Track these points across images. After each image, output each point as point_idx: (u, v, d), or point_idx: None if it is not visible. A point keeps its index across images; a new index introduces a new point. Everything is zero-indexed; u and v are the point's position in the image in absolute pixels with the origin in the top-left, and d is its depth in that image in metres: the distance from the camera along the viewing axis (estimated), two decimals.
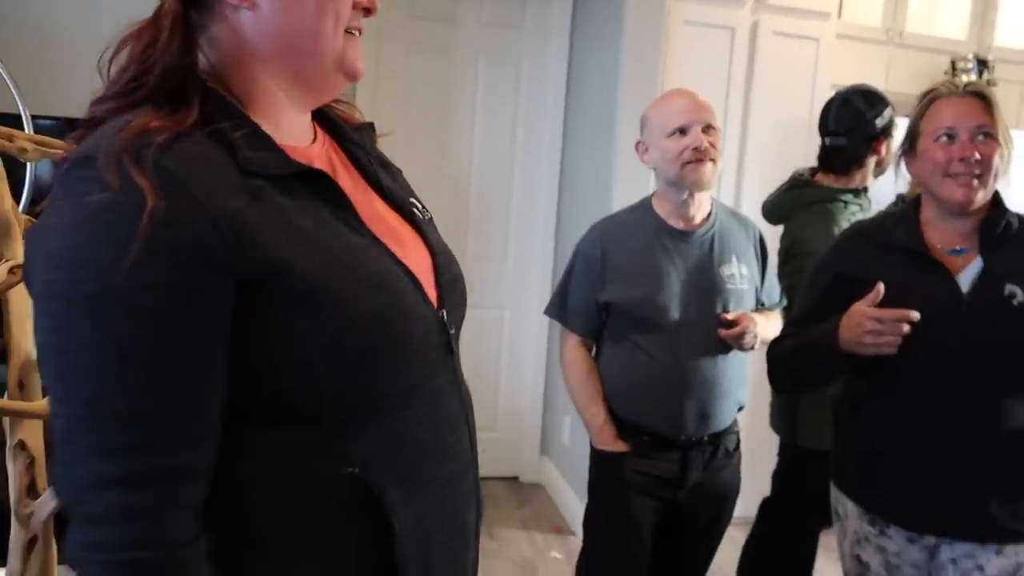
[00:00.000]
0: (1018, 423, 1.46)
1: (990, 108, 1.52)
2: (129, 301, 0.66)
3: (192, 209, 0.68)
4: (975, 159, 1.49)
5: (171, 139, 0.70)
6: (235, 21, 0.80)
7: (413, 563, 0.80)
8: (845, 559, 1.69)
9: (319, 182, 0.80)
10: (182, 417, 0.69)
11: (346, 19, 0.83)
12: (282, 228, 0.73)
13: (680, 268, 1.80)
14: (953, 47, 3.99)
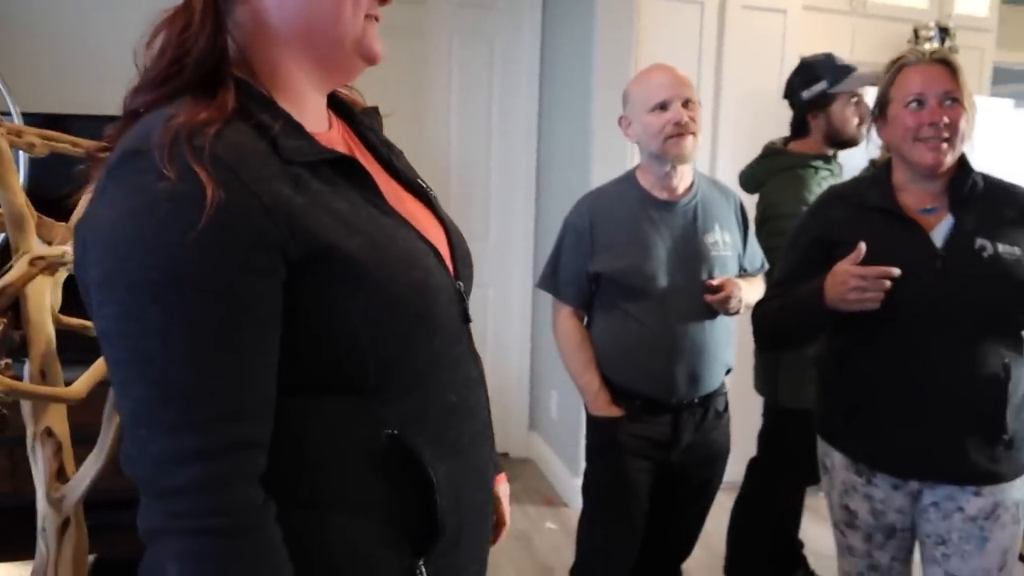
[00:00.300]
0: (992, 369, 1.55)
1: (955, 74, 1.59)
2: (194, 285, 0.70)
3: (247, 197, 0.72)
4: (944, 123, 1.56)
5: (220, 129, 0.74)
6: (258, 4, 0.83)
7: (449, 514, 0.86)
8: (834, 509, 1.78)
9: (348, 167, 0.84)
10: (246, 391, 0.74)
11: (365, 6, 0.86)
12: (325, 212, 0.78)
13: (666, 237, 1.87)
14: (915, 16, 4.06)
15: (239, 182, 0.72)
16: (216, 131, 0.73)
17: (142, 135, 0.74)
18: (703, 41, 3.25)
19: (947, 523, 1.61)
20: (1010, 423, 1.56)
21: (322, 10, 0.84)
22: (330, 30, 0.85)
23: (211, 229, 0.69)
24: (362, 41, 0.87)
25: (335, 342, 0.79)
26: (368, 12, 0.87)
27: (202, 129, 0.72)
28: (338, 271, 0.77)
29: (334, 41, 0.86)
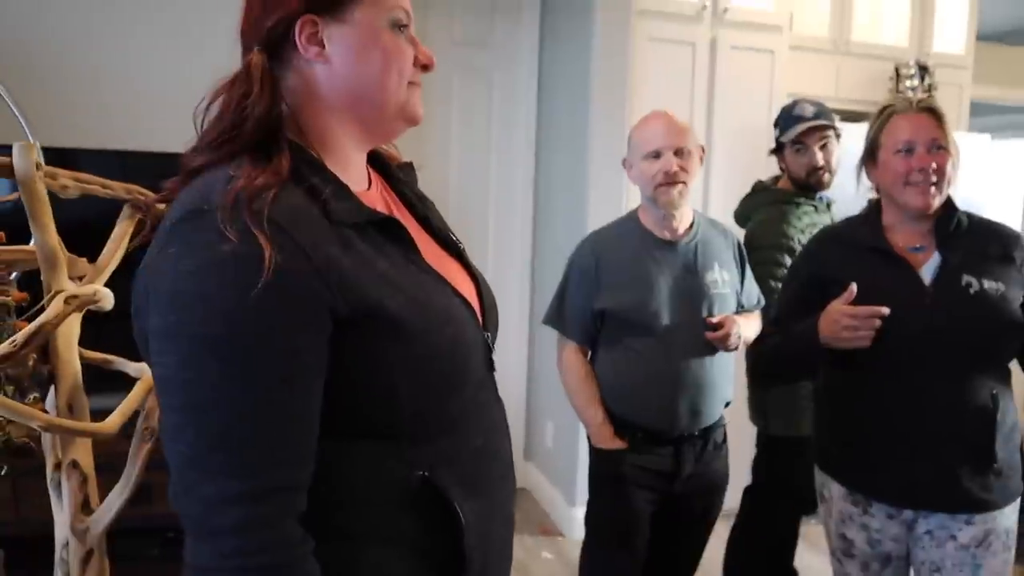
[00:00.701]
0: (981, 401, 1.61)
1: (941, 122, 1.69)
2: (249, 342, 0.76)
3: (301, 259, 0.78)
4: (932, 168, 1.65)
5: (277, 194, 0.80)
6: (309, 73, 0.90)
7: (476, 550, 0.92)
8: (832, 538, 1.83)
9: (390, 227, 0.91)
10: (291, 439, 0.79)
11: (408, 75, 0.94)
12: (370, 272, 0.84)
13: (667, 275, 1.94)
14: (896, 54, 4.20)
15: (294, 244, 0.78)
16: (274, 195, 0.79)
17: (204, 194, 0.80)
18: (695, 80, 3.34)
19: (940, 551, 1.67)
20: (999, 453, 1.62)
21: (369, 79, 0.91)
22: (376, 97, 0.92)
23: (268, 289, 0.75)
24: (406, 107, 0.95)
25: (374, 391, 0.85)
26: (411, 80, 0.95)
27: (261, 193, 0.79)
28: (381, 327, 0.83)
29: (379, 107, 0.93)
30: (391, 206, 1.02)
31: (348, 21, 0.90)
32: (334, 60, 0.90)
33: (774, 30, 3.48)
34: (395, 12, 0.93)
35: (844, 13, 4.11)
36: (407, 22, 0.95)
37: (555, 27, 3.64)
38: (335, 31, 0.90)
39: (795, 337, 1.76)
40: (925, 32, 4.31)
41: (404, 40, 0.94)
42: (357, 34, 0.90)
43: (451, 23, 3.66)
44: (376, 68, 0.91)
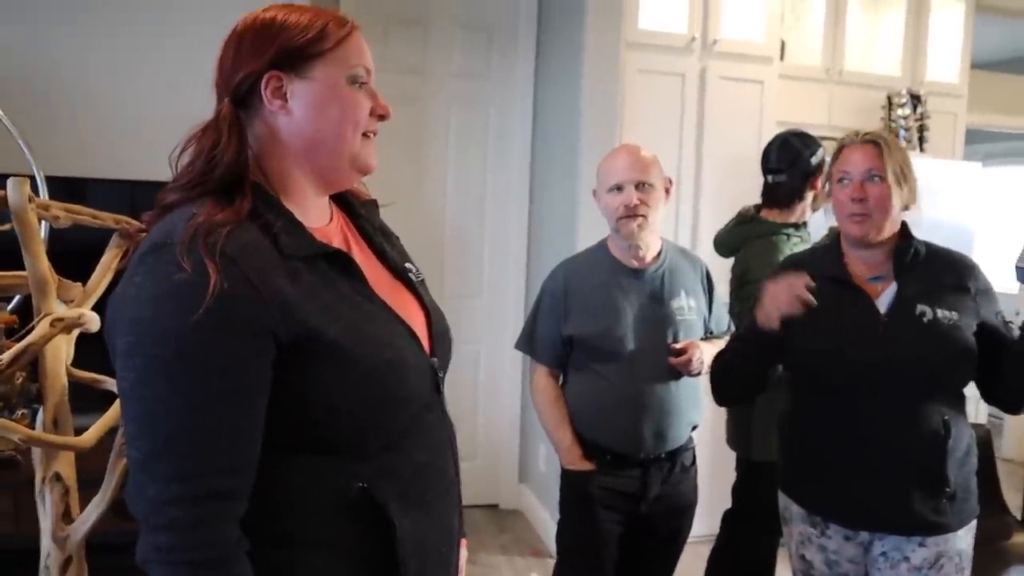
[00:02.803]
0: (933, 427, 1.66)
1: (882, 153, 1.71)
2: (195, 361, 0.86)
3: (247, 288, 0.87)
4: (863, 199, 1.70)
5: (232, 230, 0.89)
6: (273, 123, 1.00)
7: (411, 561, 0.99)
8: (793, 559, 1.88)
9: (339, 260, 1.00)
10: (231, 450, 0.88)
11: (364, 125, 1.04)
12: (314, 301, 0.93)
13: (634, 303, 2.01)
14: (889, 83, 4.26)
15: (242, 274, 0.87)
16: (229, 231, 0.89)
17: (169, 230, 0.90)
18: (684, 111, 3.42)
19: (894, 572, 1.71)
20: (952, 477, 1.67)
21: (327, 131, 1.01)
22: (332, 147, 1.02)
23: (213, 314, 0.84)
24: (359, 157, 1.05)
25: (317, 410, 0.94)
26: (367, 130, 1.05)
27: (217, 229, 0.88)
28: (321, 352, 0.92)
29: (335, 157, 1.03)
30: (349, 240, 1.11)
31: (310, 78, 1.00)
32: (296, 113, 1.00)
33: (763, 61, 3.55)
34: (355, 69, 1.02)
35: (837, 43, 4.19)
36: (366, 78, 1.04)
37: (549, 59, 3.75)
38: (298, 86, 0.99)
39: (740, 337, 1.82)
40: (918, 61, 4.37)
41: (362, 94, 1.04)
42: (318, 90, 1.00)
43: (450, 56, 3.78)
44: (334, 121, 1.01)
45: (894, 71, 4.32)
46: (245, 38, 1.00)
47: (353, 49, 1.03)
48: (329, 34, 1.01)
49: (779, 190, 2.55)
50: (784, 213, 2.54)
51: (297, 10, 1.02)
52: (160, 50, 3.07)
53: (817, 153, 2.51)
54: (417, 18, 3.72)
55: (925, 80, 4.36)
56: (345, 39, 1.02)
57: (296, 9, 1.03)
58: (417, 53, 3.74)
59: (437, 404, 1.11)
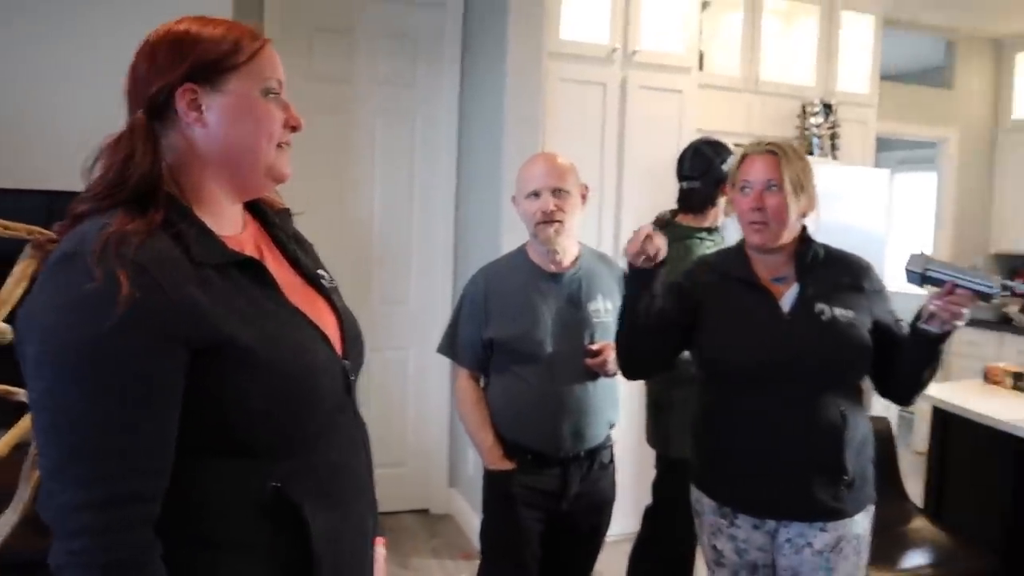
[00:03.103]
0: (832, 419, 1.76)
1: (779, 163, 1.79)
2: (103, 369, 0.87)
3: (159, 296, 0.89)
4: (761, 208, 1.79)
5: (143, 239, 0.91)
6: (188, 135, 1.02)
7: (324, 559, 1.02)
8: (705, 549, 1.96)
9: (251, 267, 1.03)
10: (142, 455, 0.90)
11: (278, 137, 1.07)
12: (226, 308, 0.95)
13: (552, 306, 2.07)
14: (803, 93, 4.43)
15: (154, 283, 0.89)
16: (139, 241, 0.91)
17: (79, 241, 0.91)
18: (606, 119, 3.51)
19: (798, 557, 1.81)
20: (849, 466, 1.77)
21: (242, 143, 1.04)
22: (247, 158, 1.05)
23: (124, 322, 0.86)
24: (273, 167, 1.08)
25: (231, 414, 0.96)
26: (280, 141, 1.08)
27: (128, 239, 0.90)
28: (235, 357, 0.95)
29: (250, 167, 1.06)
30: (262, 248, 1.13)
31: (224, 90, 1.02)
32: (211, 124, 1.02)
33: (682, 71, 3.67)
34: (268, 82, 1.06)
35: (753, 53, 4.34)
36: (279, 90, 1.08)
37: (474, 68, 3.80)
38: (213, 99, 1.02)
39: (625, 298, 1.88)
40: (830, 72, 4.55)
41: (275, 106, 1.07)
42: (232, 102, 1.03)
43: (375, 64, 3.81)
44: (248, 132, 1.04)
45: (808, 81, 4.49)
46: (159, 50, 1.02)
47: (267, 62, 1.06)
48: (243, 47, 1.03)
49: (693, 196, 2.65)
50: (698, 218, 2.64)
51: (210, 23, 1.05)
52: (75, 59, 3.02)
53: (728, 160, 2.61)
54: (342, 27, 3.74)
55: (837, 90, 4.54)
56: (258, 52, 1.05)
57: (209, 22, 1.05)
58: (343, 62, 3.75)
59: (349, 406, 1.14)
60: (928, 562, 2.42)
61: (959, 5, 4.96)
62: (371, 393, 3.56)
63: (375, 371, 3.65)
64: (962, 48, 5.63)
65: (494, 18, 3.55)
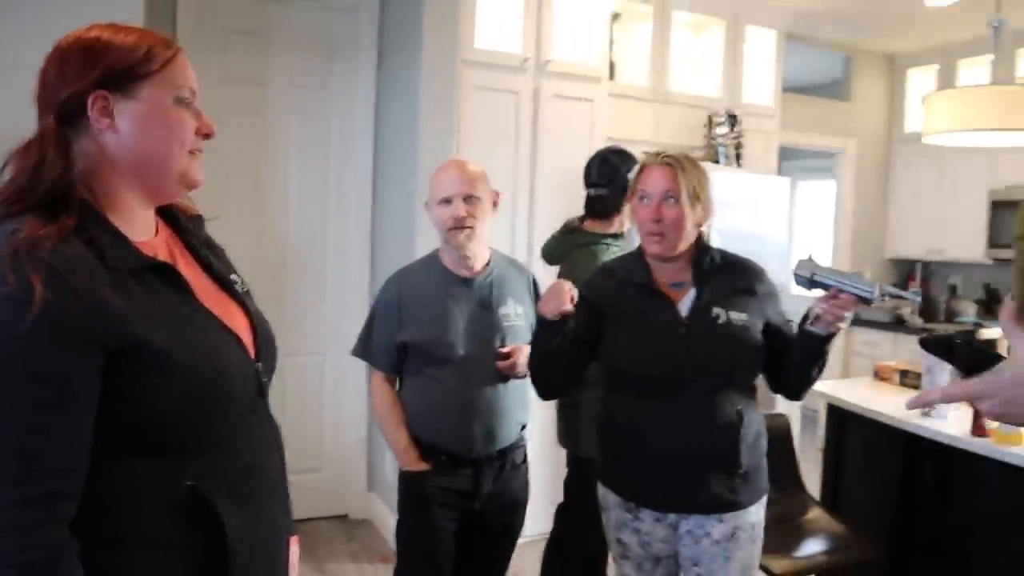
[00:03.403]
0: (728, 416, 1.85)
1: (676, 175, 1.88)
2: (19, 369, 0.89)
3: (72, 299, 0.91)
4: (660, 219, 1.87)
5: (56, 244, 0.92)
6: (100, 141, 1.03)
7: (239, 557, 1.05)
8: (611, 543, 2.03)
9: (165, 271, 1.05)
10: (57, 455, 0.91)
11: (190, 144, 1.09)
12: (140, 312, 0.97)
13: (464, 310, 2.12)
14: (710, 104, 4.62)
15: (68, 287, 0.91)
16: (52, 245, 0.92)
17: None
18: (519, 126, 3.58)
19: (698, 547, 1.90)
20: (744, 460, 1.87)
21: (154, 150, 1.06)
22: (159, 165, 1.07)
23: (38, 326, 0.88)
24: (186, 174, 1.10)
25: (146, 414, 0.98)
26: (193, 148, 1.10)
27: (41, 243, 0.91)
28: (149, 359, 0.97)
29: (162, 174, 1.08)
30: (175, 253, 1.15)
31: (136, 98, 1.04)
32: (123, 131, 1.03)
33: (593, 81, 3.76)
34: (180, 90, 1.08)
35: (662, 65, 4.50)
36: (191, 98, 1.09)
37: (389, 72, 3.83)
38: (124, 106, 1.03)
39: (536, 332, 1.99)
40: (735, 84, 4.75)
41: (188, 113, 1.09)
42: (144, 109, 1.04)
43: (291, 67, 3.80)
44: (160, 140, 1.06)
45: (714, 92, 4.69)
46: (69, 57, 1.02)
47: (179, 70, 1.08)
48: (156, 56, 1.05)
49: (599, 203, 2.74)
50: (604, 224, 2.73)
51: (122, 31, 1.06)
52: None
53: (634, 169, 2.70)
54: (257, 29, 3.71)
55: (742, 101, 4.75)
56: (171, 60, 1.07)
57: (121, 29, 1.06)
58: (257, 64, 3.73)
59: (262, 407, 1.17)
60: (823, 550, 2.56)
61: (856, 22, 5.23)
62: (287, 398, 3.53)
63: (291, 376, 3.63)
64: (859, 63, 5.93)
65: (409, 25, 3.58)
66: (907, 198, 5.99)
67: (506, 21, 3.54)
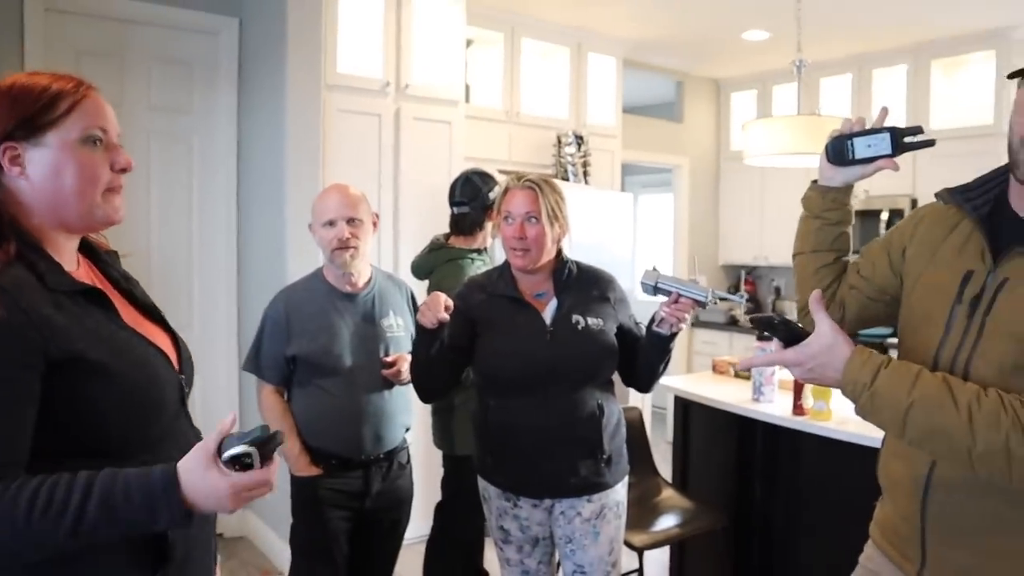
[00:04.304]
0: (591, 409, 2.08)
1: (537, 197, 2.10)
2: None
3: (20, 315, 1.03)
4: (524, 236, 2.08)
5: (2, 268, 1.04)
6: (15, 187, 1.13)
7: (178, 545, 1.17)
8: (493, 531, 2.22)
9: (95, 295, 1.17)
10: (4, 446, 1.01)
11: (105, 182, 1.17)
12: (78, 328, 1.10)
13: (349, 323, 2.27)
14: (558, 125, 4.94)
15: (15, 304, 1.03)
16: (1, 269, 1.04)
17: None
18: (382, 148, 3.74)
19: (571, 526, 2.12)
20: (607, 445, 2.10)
21: (65, 193, 1.14)
22: (73, 206, 1.16)
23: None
24: (102, 212, 1.18)
25: (85, 419, 1.10)
26: (111, 185, 1.18)
27: None
28: (87, 370, 1.09)
29: (77, 215, 1.17)
30: (95, 282, 1.26)
31: (44, 144, 1.12)
32: (34, 178, 1.12)
33: (450, 104, 3.97)
34: (89, 130, 1.15)
35: (513, 89, 4.78)
36: (103, 136, 1.17)
37: (252, 96, 3.89)
38: (34, 154, 1.12)
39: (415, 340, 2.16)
40: (581, 107, 5.09)
41: (99, 153, 1.16)
42: (52, 155, 1.12)
43: (148, 89, 3.78)
44: (70, 183, 1.13)
45: (562, 114, 5.01)
46: None
47: (88, 111, 1.15)
48: (61, 101, 1.13)
49: (463, 220, 2.96)
50: (468, 240, 2.95)
51: (36, 77, 1.15)
52: None
53: (495, 189, 2.94)
54: (111, 49, 3.67)
55: (587, 122, 5.10)
56: (78, 103, 1.14)
57: (34, 77, 1.15)
58: (113, 86, 3.68)
59: (184, 414, 1.30)
60: (675, 523, 2.86)
61: (684, 51, 5.71)
62: None
63: None
64: (689, 87, 6.44)
65: (271, 49, 3.67)
66: (735, 210, 6.54)
67: (366, 46, 3.69)
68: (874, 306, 1.56)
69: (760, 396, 3.00)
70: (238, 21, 3.94)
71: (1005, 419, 1.16)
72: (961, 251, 1.39)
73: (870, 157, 1.46)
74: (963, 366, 1.31)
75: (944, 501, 1.34)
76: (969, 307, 1.32)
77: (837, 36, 5.09)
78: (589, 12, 4.76)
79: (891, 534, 1.48)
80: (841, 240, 1.62)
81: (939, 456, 1.30)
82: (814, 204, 1.62)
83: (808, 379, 1.33)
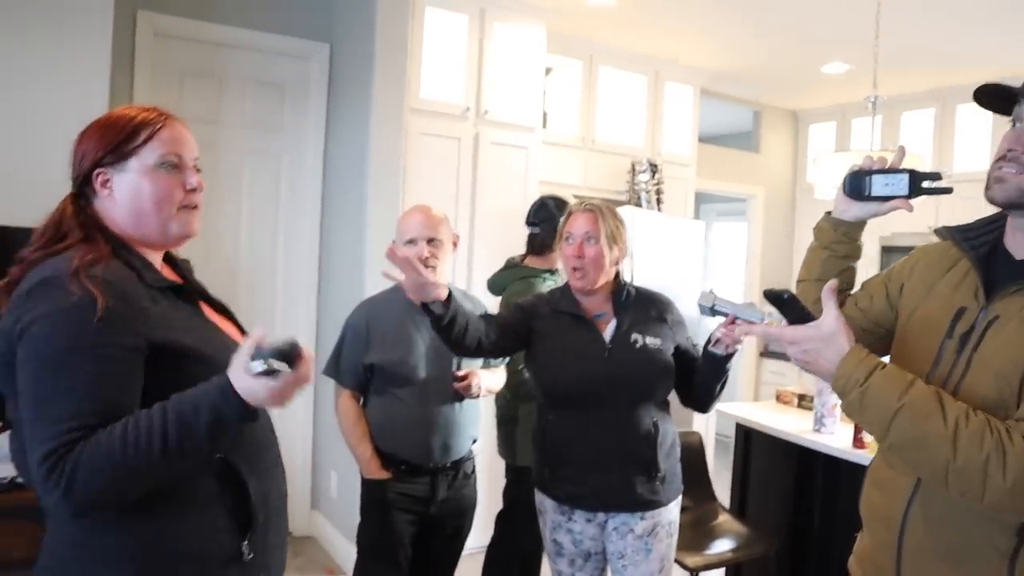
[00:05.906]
0: (646, 428, 2.15)
1: (597, 219, 2.20)
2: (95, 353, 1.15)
3: (125, 305, 1.20)
4: (582, 256, 2.18)
5: (106, 264, 1.22)
6: (106, 205, 1.33)
7: (260, 509, 1.32)
8: (547, 543, 2.30)
9: (182, 291, 1.36)
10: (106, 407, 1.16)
11: (179, 201, 1.36)
12: (171, 318, 1.27)
13: (425, 336, 2.39)
14: (633, 152, 5.03)
15: (121, 294, 1.21)
16: (102, 265, 1.22)
17: (51, 271, 1.21)
18: (460, 170, 3.90)
19: (623, 542, 2.19)
20: (661, 464, 2.17)
21: (144, 212, 1.34)
22: (151, 224, 1.35)
23: (104, 323, 1.17)
24: (181, 228, 1.37)
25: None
26: (185, 203, 1.37)
27: (95, 264, 1.22)
28: (181, 354, 1.26)
29: (154, 231, 1.36)
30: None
31: (127, 169, 1.33)
32: (118, 198, 1.33)
33: (528, 130, 4.12)
34: (165, 156, 1.33)
35: (590, 116, 4.89)
36: (177, 161, 1.36)
37: (339, 116, 4.09)
38: (119, 178, 1.33)
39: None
40: (656, 135, 5.17)
41: (174, 176, 1.35)
42: (132, 179, 1.33)
43: (243, 108, 4.01)
44: (148, 204, 1.33)
45: (637, 142, 5.09)
46: (85, 137, 1.34)
47: (164, 139, 1.34)
48: (141, 131, 1.33)
49: (535, 240, 3.10)
50: (542, 260, 3.08)
51: (124, 110, 1.36)
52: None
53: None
54: (211, 71, 3.93)
55: (662, 151, 5.17)
56: (157, 132, 1.34)
57: (124, 109, 1.36)
58: (211, 103, 3.92)
59: None
60: (730, 547, 2.91)
61: (762, 83, 5.74)
62: None
63: None
64: (766, 118, 6.45)
65: (358, 74, 3.86)
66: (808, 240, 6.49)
67: (449, 73, 3.86)
68: (866, 337, 1.54)
69: (821, 427, 3.02)
70: (329, 47, 4.16)
71: (989, 440, 1.17)
72: (957, 288, 1.41)
73: (886, 196, 1.49)
74: None
75: (921, 532, 1.35)
76: (959, 342, 1.34)
77: (919, 69, 5.05)
78: (668, 42, 4.85)
79: (868, 565, 1.48)
80: (847, 274, 1.65)
81: (915, 464, 1.29)
82: (825, 235, 1.66)
83: (801, 361, 1.33)
